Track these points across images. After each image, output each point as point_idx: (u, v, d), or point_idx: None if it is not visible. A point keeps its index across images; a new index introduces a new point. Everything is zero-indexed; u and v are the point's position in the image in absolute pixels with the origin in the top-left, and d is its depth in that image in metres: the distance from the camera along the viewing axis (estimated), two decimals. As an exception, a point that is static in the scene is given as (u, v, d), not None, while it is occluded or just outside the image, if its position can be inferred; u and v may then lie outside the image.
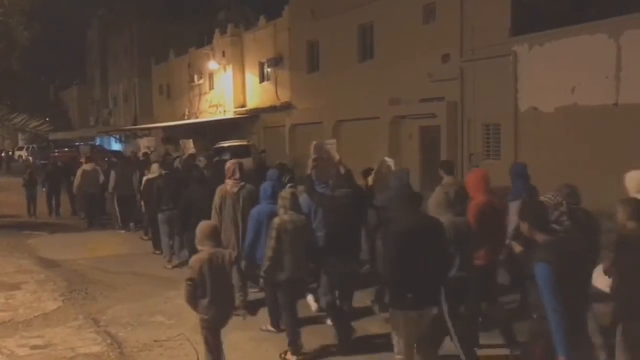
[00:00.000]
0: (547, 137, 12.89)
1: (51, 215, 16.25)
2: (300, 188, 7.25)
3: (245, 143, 22.99)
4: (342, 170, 6.75)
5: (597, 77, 11.84)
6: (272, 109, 24.84)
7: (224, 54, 28.44)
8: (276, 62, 24.54)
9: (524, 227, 4.04)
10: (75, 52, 58.63)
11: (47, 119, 26.46)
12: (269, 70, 25.67)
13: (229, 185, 7.44)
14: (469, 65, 15.07)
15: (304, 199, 6.57)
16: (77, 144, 38.76)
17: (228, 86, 28.41)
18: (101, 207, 14.42)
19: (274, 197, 6.30)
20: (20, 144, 50.52)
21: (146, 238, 11.56)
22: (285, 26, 23.98)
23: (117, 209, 13.38)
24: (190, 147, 17.89)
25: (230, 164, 7.80)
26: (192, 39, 34.24)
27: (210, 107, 30.48)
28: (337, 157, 7.16)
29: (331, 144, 7.55)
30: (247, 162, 12.80)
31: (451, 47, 15.51)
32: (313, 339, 6.24)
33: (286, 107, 23.79)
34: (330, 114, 20.61)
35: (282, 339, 6.44)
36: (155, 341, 6.56)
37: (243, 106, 27.79)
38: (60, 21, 47.77)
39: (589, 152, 11.70)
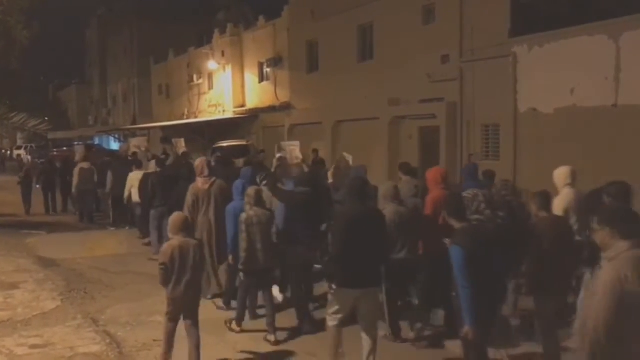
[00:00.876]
0: (546, 137, 12.90)
1: (48, 212, 16.60)
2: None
3: (244, 143, 23.01)
4: (305, 169, 6.89)
5: (596, 78, 11.84)
6: (271, 109, 24.84)
7: (223, 54, 28.43)
8: (275, 62, 24.52)
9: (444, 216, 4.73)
10: (75, 52, 58.83)
11: (46, 118, 26.48)
12: (268, 70, 25.65)
13: (200, 182, 7.83)
14: (468, 65, 15.08)
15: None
16: (76, 143, 38.71)
17: (227, 86, 28.40)
18: (93, 203, 14.93)
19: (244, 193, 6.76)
20: (19, 142, 50.45)
21: (146, 241, 11.51)
22: (284, 26, 23.97)
23: (110, 207, 13.82)
24: (181, 145, 18.27)
25: (198, 162, 8.22)
26: (192, 38, 34.24)
27: (209, 106, 30.47)
28: (300, 157, 7.71)
29: (294, 145, 7.99)
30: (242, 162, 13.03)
31: (450, 48, 15.51)
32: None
33: (285, 107, 23.78)
34: (329, 114, 20.61)
35: (283, 340, 6.44)
36: (154, 340, 6.55)
37: (242, 106, 27.78)
38: (60, 20, 47.86)
39: (588, 153, 11.70)
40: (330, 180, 8.87)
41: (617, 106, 11.53)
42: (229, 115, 27.89)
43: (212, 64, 29.12)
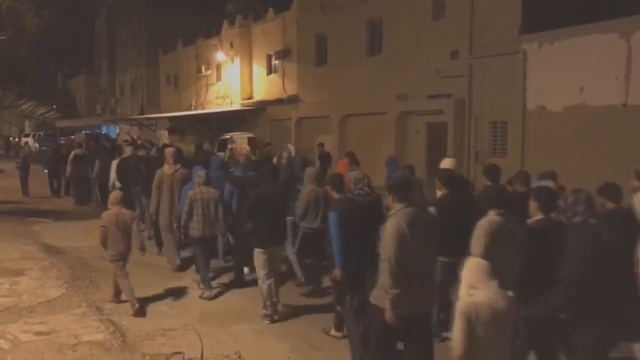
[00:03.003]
0: (554, 136, 12.83)
1: (53, 194, 17.81)
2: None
3: (250, 135, 23.01)
4: (252, 158, 9.89)
5: (606, 77, 11.76)
6: (279, 102, 24.81)
7: (231, 45, 28.40)
8: (284, 54, 24.48)
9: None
10: (84, 41, 58.71)
11: (54, 107, 26.45)
12: (277, 62, 25.62)
13: (166, 168, 9.37)
14: (477, 62, 15.00)
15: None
16: (83, 132, 38.85)
17: (235, 77, 28.38)
18: (85, 187, 15.81)
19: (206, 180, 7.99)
20: (27, 130, 50.60)
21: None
22: (293, 19, 23.92)
23: (97, 193, 14.60)
24: (164, 137, 19.24)
25: (166, 151, 9.92)
26: (200, 29, 34.19)
27: (216, 98, 30.46)
28: (247, 148, 10.38)
29: (243, 138, 12.08)
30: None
31: (460, 44, 15.44)
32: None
33: (293, 100, 23.75)
34: (336, 108, 20.58)
35: (285, 331, 6.47)
36: (159, 330, 6.59)
37: (249, 98, 27.76)
38: (69, 9, 47.78)
39: (596, 151, 11.64)
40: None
41: (627, 106, 11.45)
42: (236, 107, 27.89)
43: (220, 56, 29.09)
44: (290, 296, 7.62)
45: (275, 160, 10.69)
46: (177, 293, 8.13)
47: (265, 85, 26.69)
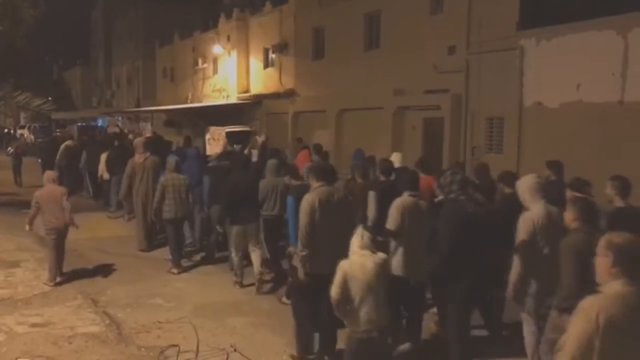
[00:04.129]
0: (551, 132, 12.86)
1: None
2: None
3: (247, 129, 22.96)
4: (228, 149, 11.35)
5: (603, 74, 11.78)
6: (276, 96, 24.75)
7: (228, 39, 28.31)
8: (281, 48, 24.41)
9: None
10: (80, 32, 58.31)
11: (50, 98, 26.38)
12: (274, 56, 25.55)
13: (137, 157, 10.23)
14: (474, 57, 15.00)
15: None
16: (79, 124, 38.73)
17: (232, 71, 28.30)
18: (74, 177, 16.17)
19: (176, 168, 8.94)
20: (22, 122, 50.36)
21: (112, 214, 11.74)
22: (291, 12, 23.84)
23: (88, 181, 15.60)
24: (148, 129, 22.45)
25: (136, 141, 11.15)
26: (197, 22, 34.03)
27: (213, 91, 30.38)
28: (224, 139, 11.77)
29: (220, 130, 13.32)
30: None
31: (457, 39, 15.42)
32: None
33: (290, 94, 23.70)
34: (333, 102, 20.56)
35: (280, 325, 6.48)
36: (154, 322, 6.60)
37: (246, 91, 27.69)
38: (65, 0, 47.50)
39: (592, 148, 11.68)
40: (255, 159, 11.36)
41: (623, 103, 11.48)
42: (232, 100, 27.82)
43: (217, 49, 28.99)
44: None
45: (246, 150, 11.69)
46: (173, 286, 8.15)
47: (262, 79, 26.64)
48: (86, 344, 5.97)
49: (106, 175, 13.46)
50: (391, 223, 5.57)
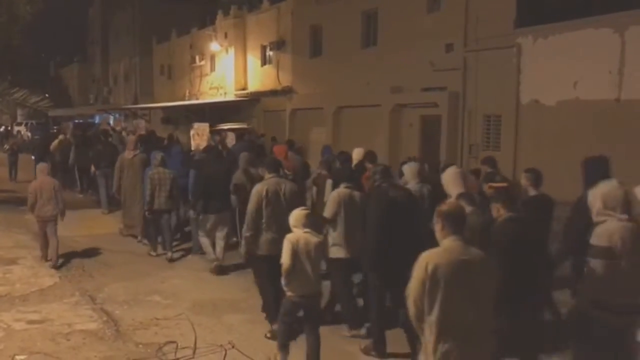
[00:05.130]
0: (547, 130, 12.88)
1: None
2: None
3: (244, 126, 22.95)
4: (211, 144, 12.13)
5: (600, 72, 11.79)
6: (273, 93, 24.73)
7: (226, 36, 28.26)
8: (278, 45, 24.37)
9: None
10: (77, 29, 58.11)
11: (47, 95, 26.35)
12: (271, 53, 25.50)
13: (126, 153, 10.88)
14: (472, 55, 15.00)
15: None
16: (76, 121, 38.69)
17: (229, 68, 28.25)
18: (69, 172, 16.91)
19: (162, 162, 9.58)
20: (19, 119, 50.24)
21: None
22: (288, 9, 23.80)
23: (77, 176, 16.30)
24: (141, 126, 22.00)
25: (129, 138, 12.54)
26: (195, 19, 33.96)
27: (210, 88, 30.34)
28: (207, 135, 12.90)
29: (204, 126, 14.42)
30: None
31: (455, 37, 15.42)
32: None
33: (287, 91, 23.68)
34: (330, 100, 20.55)
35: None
36: (152, 319, 6.61)
37: (244, 89, 27.66)
38: (62, -4, 47.32)
39: (589, 145, 11.68)
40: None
41: (620, 101, 11.50)
42: (230, 97, 27.79)
43: (214, 46, 28.93)
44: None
45: (221, 146, 12.49)
46: (171, 283, 8.17)
47: (259, 76, 26.61)
48: (84, 341, 5.99)
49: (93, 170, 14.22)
50: (327, 212, 6.34)
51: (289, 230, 5.23)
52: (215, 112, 26.15)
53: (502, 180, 5.63)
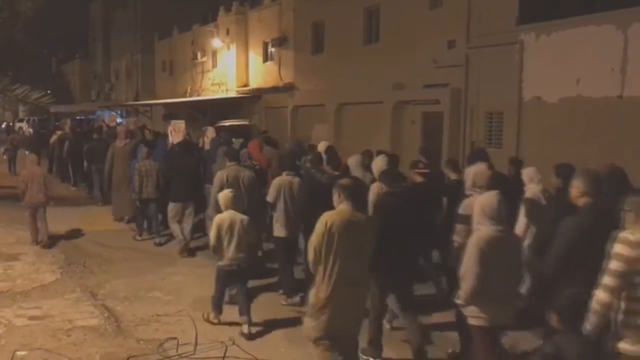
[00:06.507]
0: (550, 126, 12.84)
1: None
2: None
3: (246, 122, 22.92)
4: (187, 138, 12.61)
5: (602, 69, 11.74)
6: (275, 90, 24.69)
7: (227, 32, 28.22)
8: (280, 42, 24.34)
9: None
10: (78, 25, 58.03)
11: (49, 91, 26.38)
12: (273, 50, 25.47)
13: (117, 142, 11.91)
14: (474, 52, 14.95)
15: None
16: (78, 117, 38.69)
17: (231, 65, 28.23)
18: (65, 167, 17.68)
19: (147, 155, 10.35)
20: (21, 115, 50.25)
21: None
22: (290, 6, 23.76)
23: (70, 170, 16.95)
24: (131, 122, 22.54)
25: (119, 128, 13.36)
26: (196, 15, 33.92)
27: (212, 85, 30.32)
28: (183, 131, 13.12)
29: (181, 123, 14.28)
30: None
31: (457, 33, 15.37)
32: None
33: (289, 88, 23.65)
34: (332, 97, 20.52)
35: (278, 320, 6.49)
36: (153, 316, 6.61)
37: (245, 85, 27.64)
38: (64, -7, 47.29)
39: (591, 142, 11.67)
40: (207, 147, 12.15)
41: (623, 98, 11.46)
42: (232, 94, 27.76)
43: (216, 42, 28.91)
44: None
45: (200, 142, 12.85)
46: (172, 279, 8.16)
47: (261, 73, 26.58)
48: (85, 337, 5.99)
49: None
50: (269, 196, 7.34)
51: (246, 213, 6.35)
52: (217, 109, 26.12)
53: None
